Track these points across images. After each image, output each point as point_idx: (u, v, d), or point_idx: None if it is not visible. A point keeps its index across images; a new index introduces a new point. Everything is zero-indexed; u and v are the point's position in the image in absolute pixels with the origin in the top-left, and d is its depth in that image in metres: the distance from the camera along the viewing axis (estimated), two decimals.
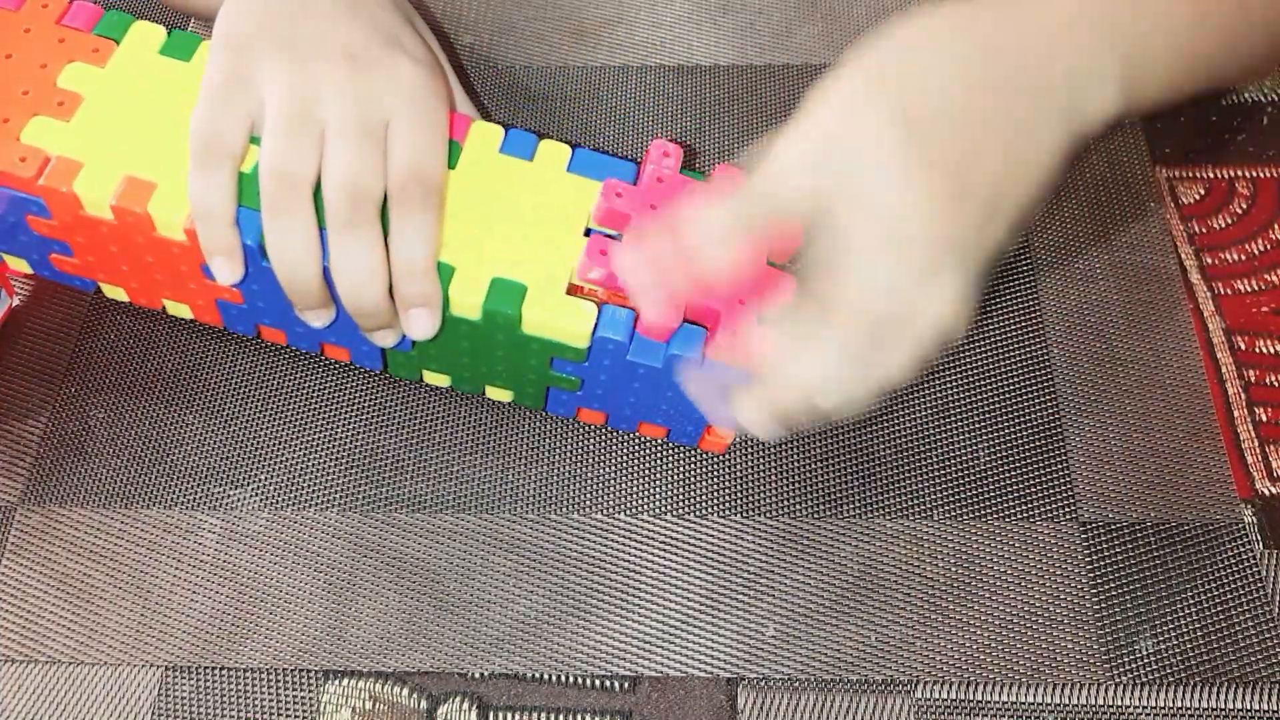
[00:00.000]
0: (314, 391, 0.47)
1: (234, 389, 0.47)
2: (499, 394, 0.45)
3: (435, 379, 0.45)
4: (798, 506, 0.45)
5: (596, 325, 0.38)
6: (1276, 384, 0.47)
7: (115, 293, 0.44)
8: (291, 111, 0.37)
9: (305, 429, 0.46)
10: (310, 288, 0.38)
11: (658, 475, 0.45)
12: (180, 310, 0.44)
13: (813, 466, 0.46)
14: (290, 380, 0.48)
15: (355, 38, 0.39)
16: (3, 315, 0.48)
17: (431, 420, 0.47)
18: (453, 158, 0.40)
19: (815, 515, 0.44)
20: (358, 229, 0.37)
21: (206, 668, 0.42)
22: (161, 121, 0.40)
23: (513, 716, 0.41)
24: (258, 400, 0.47)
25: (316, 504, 0.45)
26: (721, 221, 0.34)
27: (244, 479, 0.45)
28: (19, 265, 0.44)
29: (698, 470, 0.46)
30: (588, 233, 0.40)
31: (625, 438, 0.46)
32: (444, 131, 0.39)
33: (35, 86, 0.40)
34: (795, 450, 0.46)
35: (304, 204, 0.37)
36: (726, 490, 0.45)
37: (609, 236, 0.40)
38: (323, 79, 0.38)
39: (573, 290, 0.39)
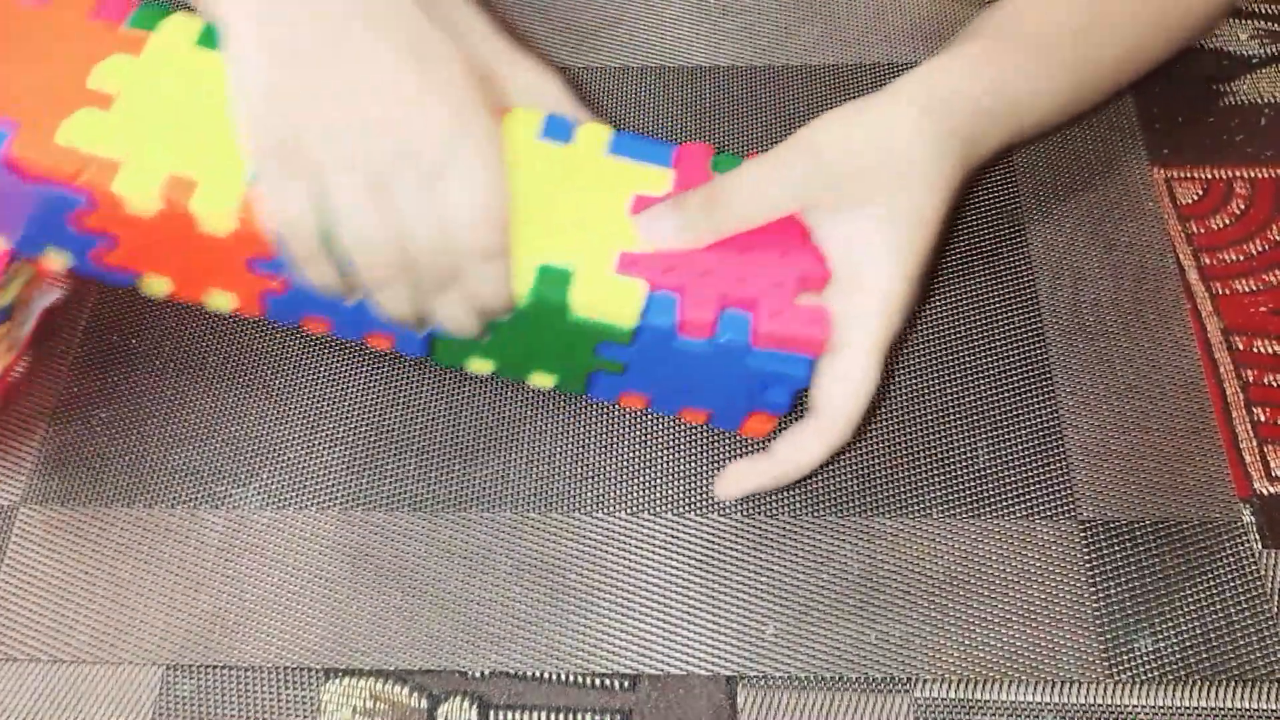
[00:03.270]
0: (316, 391, 0.47)
1: (236, 389, 0.47)
2: (542, 380, 0.45)
3: (479, 366, 0.45)
4: (798, 506, 0.45)
5: (644, 310, 0.38)
6: (1274, 384, 0.47)
7: (158, 285, 0.44)
8: (357, 194, 0.36)
9: (307, 429, 0.47)
10: (415, 326, 0.40)
11: (657, 475, 0.46)
12: (223, 302, 0.44)
13: None
14: (292, 380, 0.48)
15: (388, 72, 0.36)
16: (42, 312, 0.48)
17: (432, 420, 0.47)
18: None
19: (815, 515, 0.45)
20: (446, 290, 0.38)
21: (207, 666, 0.42)
22: (200, 115, 0.39)
23: (513, 715, 0.41)
24: (260, 400, 0.47)
25: (318, 503, 0.45)
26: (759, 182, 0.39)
27: (246, 478, 0.46)
28: (60, 260, 0.44)
29: (698, 470, 0.46)
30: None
31: (625, 437, 0.46)
32: (498, 155, 0.37)
33: (69, 84, 0.39)
34: None
35: (398, 271, 0.37)
36: None
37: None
38: (364, 156, 0.36)
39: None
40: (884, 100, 0.40)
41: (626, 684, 0.42)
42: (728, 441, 0.46)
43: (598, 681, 0.42)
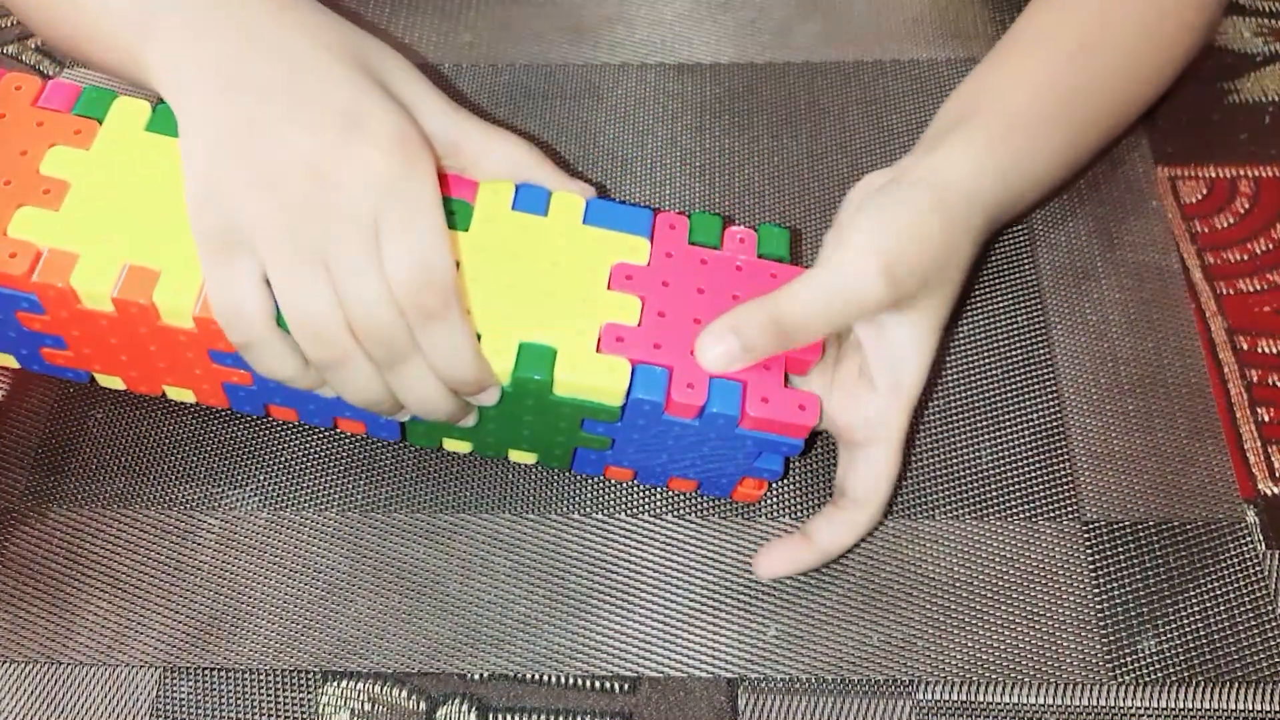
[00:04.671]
0: None
1: None
2: (523, 457, 0.44)
3: (456, 446, 0.44)
4: (798, 507, 0.45)
5: (631, 385, 0.37)
6: (1279, 384, 0.47)
7: (111, 382, 0.43)
8: (291, 273, 0.35)
9: (304, 429, 0.46)
10: (388, 410, 0.39)
11: None
12: (182, 395, 0.43)
13: (814, 467, 0.45)
14: None
15: (307, 148, 0.35)
16: None
17: None
18: (465, 219, 0.40)
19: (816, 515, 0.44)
20: (402, 363, 0.36)
21: (205, 668, 0.42)
22: (155, 203, 0.38)
23: (512, 718, 0.41)
24: None
25: (316, 504, 0.45)
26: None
27: (243, 479, 0.45)
28: (4, 360, 0.42)
29: None
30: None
31: None
32: (434, 213, 0.36)
33: (17, 175, 0.38)
34: None
35: (347, 348, 0.36)
36: None
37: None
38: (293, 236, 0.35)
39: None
40: (912, 200, 0.40)
41: (626, 686, 0.41)
42: None
43: (598, 684, 0.41)
